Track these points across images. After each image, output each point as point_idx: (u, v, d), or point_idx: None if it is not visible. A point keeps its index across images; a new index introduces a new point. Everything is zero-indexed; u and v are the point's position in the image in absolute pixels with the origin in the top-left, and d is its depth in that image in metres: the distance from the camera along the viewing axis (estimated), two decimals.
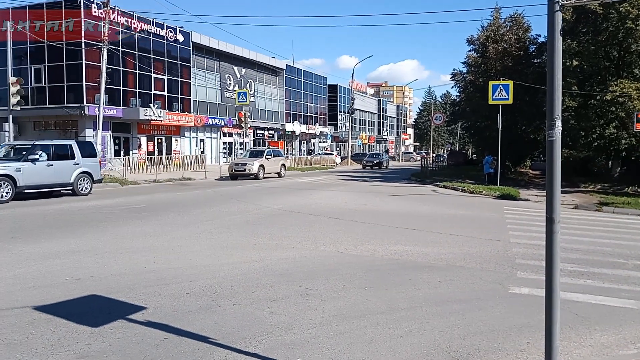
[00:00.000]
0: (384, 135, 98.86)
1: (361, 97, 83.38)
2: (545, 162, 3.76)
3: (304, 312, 5.65)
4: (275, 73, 57.17)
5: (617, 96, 21.69)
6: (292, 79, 61.14)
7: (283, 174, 31.73)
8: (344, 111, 75.05)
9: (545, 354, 3.64)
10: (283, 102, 58.88)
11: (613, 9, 21.93)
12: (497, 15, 32.78)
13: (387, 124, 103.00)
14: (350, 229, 11.58)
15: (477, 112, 31.36)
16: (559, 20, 3.71)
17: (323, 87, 70.77)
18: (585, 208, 17.11)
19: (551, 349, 3.56)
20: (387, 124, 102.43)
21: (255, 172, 28.12)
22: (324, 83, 71.37)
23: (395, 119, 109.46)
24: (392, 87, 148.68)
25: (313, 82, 67.30)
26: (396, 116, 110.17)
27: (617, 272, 7.81)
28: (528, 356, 4.58)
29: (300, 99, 63.37)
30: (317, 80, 68.97)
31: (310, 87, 66.38)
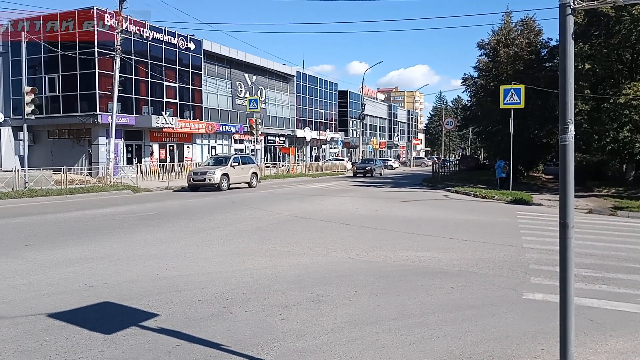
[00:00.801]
0: (395, 140, 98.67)
1: (372, 103, 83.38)
2: (559, 166, 3.73)
3: (315, 318, 5.64)
4: (285, 80, 57.38)
5: (631, 99, 21.47)
6: (302, 85, 61.32)
7: (254, 184, 27.66)
8: (354, 117, 75.06)
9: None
10: (294, 108, 59.04)
11: (625, 11, 21.75)
12: (507, 19, 32.70)
13: (398, 130, 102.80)
14: (361, 235, 11.55)
15: (488, 117, 31.22)
16: (571, 24, 3.69)
17: (333, 93, 70.86)
18: (599, 212, 16.93)
19: (566, 356, 3.52)
20: (398, 129, 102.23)
21: (217, 182, 24.31)
22: (335, 89, 71.46)
23: (406, 124, 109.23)
24: (403, 93, 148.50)
25: (323, 88, 67.43)
26: (407, 121, 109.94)
27: (633, 278, 7.70)
28: None
29: (310, 105, 63.51)
30: (328, 87, 69.09)
31: (321, 94, 66.51)
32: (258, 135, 36.07)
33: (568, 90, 3.64)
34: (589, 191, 24.82)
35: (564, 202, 3.58)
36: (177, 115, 39.46)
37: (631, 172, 28.34)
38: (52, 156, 34.39)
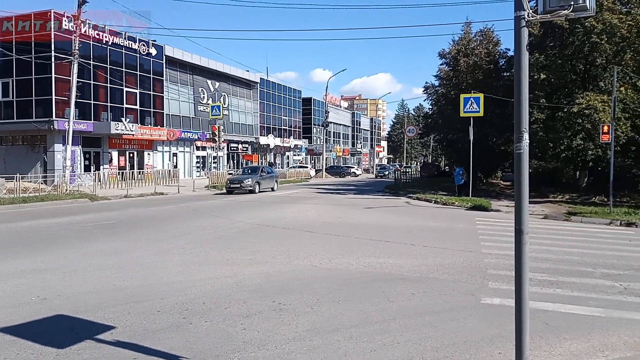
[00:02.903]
0: (358, 147, 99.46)
1: (335, 110, 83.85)
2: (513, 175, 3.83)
3: (277, 327, 5.60)
4: (249, 86, 57.12)
5: (584, 108, 22.28)
6: (266, 92, 61.16)
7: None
8: (318, 124, 75.34)
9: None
10: (257, 115, 58.78)
11: (579, 23, 22.60)
12: (467, 29, 33.51)
13: (361, 137, 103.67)
14: (324, 242, 11.56)
15: (449, 125, 31.84)
16: (525, 35, 3.80)
17: (297, 101, 70.95)
18: (554, 218, 17.46)
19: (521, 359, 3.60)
20: (361, 136, 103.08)
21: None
22: (298, 96, 71.56)
23: (369, 131, 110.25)
24: (366, 100, 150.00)
25: (287, 95, 67.42)
26: (370, 129, 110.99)
27: (586, 281, 7.96)
28: None
29: (274, 112, 63.37)
30: (291, 94, 69.12)
31: (285, 101, 66.47)
32: (220, 142, 35.71)
33: (523, 100, 3.74)
34: (545, 197, 25.58)
35: (519, 209, 3.68)
36: (138, 122, 38.69)
37: (584, 179, 29.35)
38: (5, 163, 33.11)
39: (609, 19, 22.11)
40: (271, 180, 31.31)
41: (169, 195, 26.51)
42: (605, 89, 23.85)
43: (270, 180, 31.10)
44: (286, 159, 67.75)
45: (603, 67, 24.81)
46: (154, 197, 25.42)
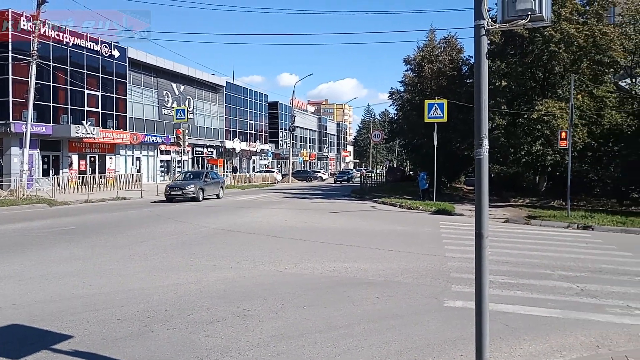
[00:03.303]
0: (325, 152, 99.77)
1: (302, 115, 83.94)
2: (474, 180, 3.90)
3: (241, 333, 5.54)
4: (215, 90, 56.60)
5: (543, 115, 22.92)
6: (232, 96, 60.73)
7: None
8: (284, 128, 75.25)
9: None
10: (223, 119, 58.28)
11: (538, 33, 23.27)
12: (432, 36, 34.13)
13: (328, 142, 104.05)
14: (290, 247, 11.53)
15: (413, 130, 32.29)
16: (485, 44, 3.89)
17: (264, 105, 70.70)
18: (515, 222, 17.88)
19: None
20: (327, 141, 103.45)
21: None
22: (265, 100, 71.34)
23: (335, 136, 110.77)
24: (333, 105, 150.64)
25: (253, 99, 67.12)
26: (336, 134, 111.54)
27: (544, 283, 8.17)
28: None
29: (240, 116, 62.95)
30: (258, 98, 68.84)
31: (251, 105, 66.14)
32: (185, 146, 35.23)
33: (483, 107, 3.82)
34: (506, 201, 26.18)
35: (479, 214, 3.74)
36: (99, 125, 37.82)
37: (543, 183, 30.16)
38: None
39: (566, 29, 22.86)
40: (216, 187, 28.22)
41: (131, 200, 25.97)
42: (563, 96, 24.60)
43: (215, 187, 28.04)
44: (252, 163, 67.36)
45: (561, 75, 25.59)
46: (116, 202, 24.85)
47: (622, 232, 15.51)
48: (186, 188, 24.98)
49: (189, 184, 25.49)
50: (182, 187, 25.27)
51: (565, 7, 23.38)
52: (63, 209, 21.10)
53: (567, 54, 23.83)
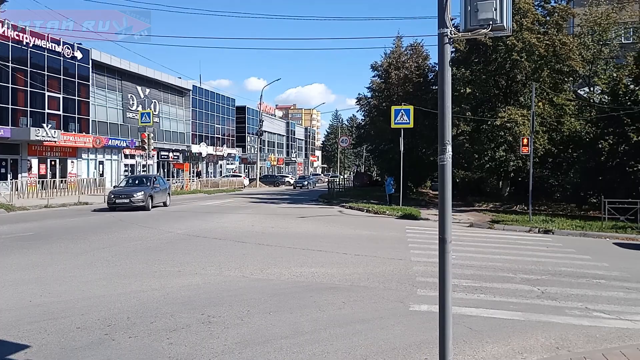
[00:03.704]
0: (293, 157, 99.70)
1: (270, 119, 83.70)
2: (438, 185, 3.95)
3: (205, 340, 5.46)
4: (181, 93, 55.88)
5: (506, 122, 23.49)
6: (199, 99, 60.05)
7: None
8: (252, 133, 74.82)
9: None
10: (189, 123, 57.54)
11: (501, 41, 23.87)
12: (398, 43, 34.58)
13: (296, 146, 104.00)
14: (256, 252, 11.44)
15: (381, 135, 32.60)
16: (448, 52, 3.96)
17: (231, 109, 70.15)
18: (479, 226, 18.22)
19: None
20: (295, 146, 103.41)
21: None
22: (232, 104, 70.79)
23: (303, 141, 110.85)
24: (301, 110, 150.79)
25: (221, 103, 66.52)
26: (304, 138, 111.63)
27: (507, 286, 8.34)
28: None
29: (207, 120, 62.29)
30: (225, 102, 68.27)
31: (218, 109, 65.53)
32: (150, 150, 34.65)
33: (446, 114, 3.89)
34: (471, 206, 26.67)
35: (442, 219, 3.79)
36: (61, 128, 36.78)
37: (506, 188, 30.86)
38: None
39: (528, 39, 23.54)
40: (163, 194, 25.07)
41: (94, 205, 25.32)
42: (525, 103, 25.27)
43: (162, 194, 24.86)
44: (219, 167, 66.70)
45: (523, 83, 26.28)
46: (77, 207, 24.20)
47: (580, 235, 15.99)
48: (134, 195, 21.57)
49: (137, 191, 21.97)
50: (129, 194, 21.79)
51: (527, 17, 24.07)
52: (21, 215, 20.43)
53: (529, 63, 24.52)
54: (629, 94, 20.88)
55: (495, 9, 3.79)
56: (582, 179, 23.19)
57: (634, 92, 20.62)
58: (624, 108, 20.45)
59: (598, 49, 27.79)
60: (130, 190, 22.50)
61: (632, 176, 19.30)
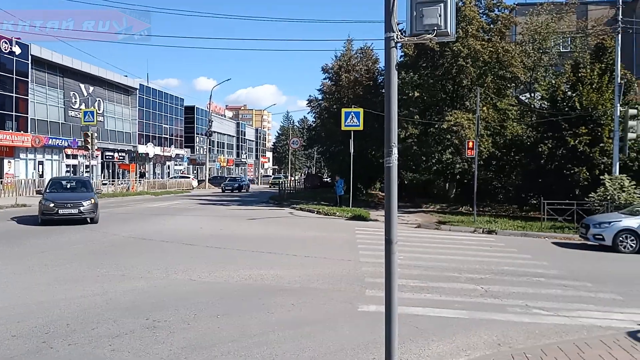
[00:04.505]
0: (243, 158, 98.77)
1: (219, 120, 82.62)
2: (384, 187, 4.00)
3: (150, 346, 5.31)
4: (127, 92, 54.30)
5: (452, 125, 24.12)
6: (146, 99, 58.52)
7: None
8: (201, 133, 73.60)
9: None
10: (136, 122, 55.98)
11: (448, 47, 24.50)
12: (349, 46, 34.88)
13: (246, 147, 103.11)
14: (204, 255, 11.25)
15: (331, 137, 32.77)
16: (394, 55, 4.02)
17: (179, 109, 68.75)
18: (426, 227, 18.62)
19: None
20: (246, 147, 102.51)
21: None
22: (181, 104, 69.41)
23: (254, 142, 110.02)
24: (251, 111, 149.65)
25: (169, 102, 65.09)
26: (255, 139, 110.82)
27: (452, 285, 8.56)
28: None
29: (154, 120, 60.78)
30: (173, 101, 66.85)
31: (166, 108, 64.09)
32: (94, 150, 33.47)
33: (392, 117, 3.94)
34: (419, 207, 27.22)
35: (388, 220, 3.85)
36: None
37: (453, 190, 31.68)
38: None
39: (473, 45, 24.28)
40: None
41: (32, 207, 24.16)
42: (471, 108, 26.03)
43: None
44: (167, 168, 65.24)
45: (469, 88, 27.06)
46: (14, 210, 23.05)
47: (522, 235, 16.63)
48: (84, 204, 16.60)
49: (85, 198, 16.96)
50: (77, 202, 16.60)
51: (472, 25, 24.82)
52: None
53: (474, 69, 25.28)
54: (567, 100, 21.87)
55: (439, 15, 3.87)
56: (523, 181, 24.09)
57: (571, 98, 21.61)
58: (561, 114, 21.41)
59: (538, 56, 29.00)
60: (74, 197, 17.18)
61: (569, 179, 20.21)
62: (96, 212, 17.01)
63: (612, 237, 13.48)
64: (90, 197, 17.29)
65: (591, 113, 20.66)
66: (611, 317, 6.99)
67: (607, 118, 20.38)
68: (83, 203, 16.60)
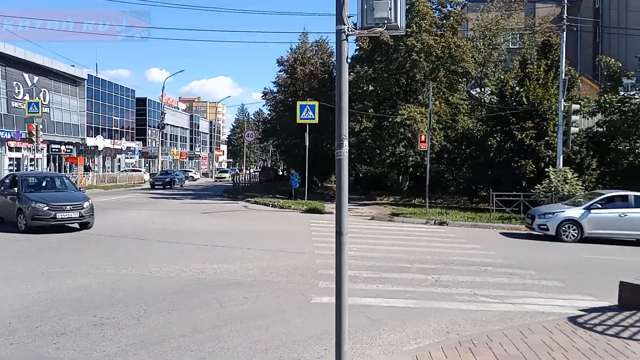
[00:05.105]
0: (197, 151, 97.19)
1: (172, 112, 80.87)
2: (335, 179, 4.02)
3: (97, 344, 5.17)
4: (74, 83, 52.31)
5: (405, 119, 24.48)
6: (95, 90, 56.59)
7: None
8: (153, 126, 71.89)
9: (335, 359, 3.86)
10: (84, 114, 54.05)
11: (402, 42, 24.82)
12: (304, 39, 34.76)
13: (200, 140, 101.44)
14: (156, 249, 11.03)
15: (286, 130, 32.67)
16: (345, 48, 4.03)
17: (130, 100, 66.86)
18: (380, 219, 18.89)
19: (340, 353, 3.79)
20: (200, 140, 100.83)
21: None
22: (132, 96, 67.50)
23: (208, 135, 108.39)
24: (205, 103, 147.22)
25: (119, 94, 63.17)
26: (209, 132, 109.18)
27: (404, 276, 8.73)
28: None
29: (104, 112, 58.87)
30: (124, 93, 64.93)
31: (116, 100, 62.19)
32: (39, 142, 32.14)
33: (343, 110, 3.96)
34: (373, 200, 27.57)
35: (339, 212, 3.88)
36: None
37: (406, 183, 32.22)
38: None
39: (426, 40, 24.68)
40: None
41: None
42: (424, 102, 26.48)
43: None
44: (117, 162, 63.44)
45: (422, 83, 27.51)
46: None
47: (471, 226, 17.12)
48: (84, 206, 13.84)
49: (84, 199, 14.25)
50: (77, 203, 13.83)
51: (425, 20, 25.21)
52: None
53: (427, 63, 25.71)
54: (515, 95, 22.60)
55: (390, 8, 3.91)
56: (473, 174, 24.76)
57: (518, 93, 22.34)
58: (510, 108, 22.11)
59: (488, 52, 29.82)
60: (69, 197, 14.28)
61: (516, 171, 20.91)
62: (93, 215, 14.26)
63: (556, 227, 14.08)
64: (86, 197, 14.64)
65: (537, 108, 21.44)
66: (553, 304, 7.30)
67: (552, 113, 21.19)
68: (84, 205, 13.82)
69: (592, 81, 29.82)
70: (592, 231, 13.95)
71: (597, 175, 20.76)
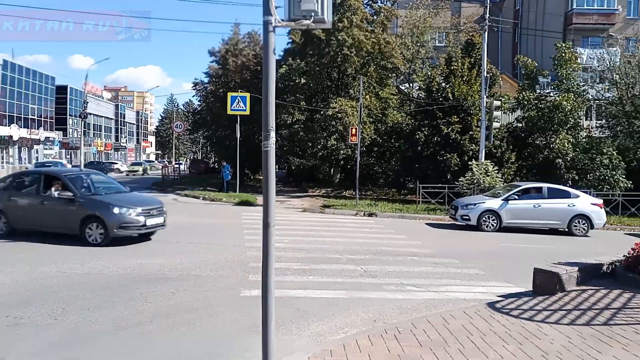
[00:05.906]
0: (123, 142, 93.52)
1: (96, 101, 77.21)
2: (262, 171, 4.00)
3: (11, 344, 4.90)
4: None
5: (337, 112, 24.78)
6: (10, 76, 52.98)
7: None
8: (75, 115, 68.36)
9: (262, 350, 3.86)
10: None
11: (333, 36, 25.01)
12: (236, 30, 34.26)
13: (127, 131, 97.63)
14: (77, 245, 10.50)
15: (217, 122, 32.13)
16: (272, 39, 4.00)
17: (50, 88, 63.17)
18: (311, 211, 19.03)
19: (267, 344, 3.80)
20: (126, 130, 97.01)
21: None
22: (52, 83, 63.80)
23: (135, 125, 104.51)
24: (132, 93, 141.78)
25: (37, 81, 59.51)
26: (136, 123, 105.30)
27: (334, 267, 8.86)
28: (252, 355, 4.77)
29: (20, 99, 55.22)
30: (43, 80, 61.23)
31: (34, 87, 58.54)
32: None
33: (270, 101, 3.94)
34: (305, 192, 27.70)
35: (266, 204, 3.87)
36: None
37: (337, 175, 32.63)
38: None
39: (357, 35, 25.02)
40: None
41: None
42: (355, 96, 26.86)
43: None
44: (35, 153, 59.82)
45: (353, 77, 27.90)
46: None
47: (399, 218, 17.62)
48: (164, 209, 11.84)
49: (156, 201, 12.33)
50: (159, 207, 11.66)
51: (356, 15, 25.53)
52: None
53: (358, 58, 26.09)
54: (441, 91, 23.41)
55: (316, 1, 3.92)
56: (402, 167, 25.44)
57: (444, 89, 23.16)
58: (436, 103, 22.90)
59: (416, 49, 30.73)
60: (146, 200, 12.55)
61: (442, 164, 21.72)
62: None
63: (477, 217, 14.79)
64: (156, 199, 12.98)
65: (462, 103, 22.34)
66: (474, 291, 7.67)
67: (476, 108, 22.15)
68: (164, 208, 11.80)
69: (512, 79, 31.45)
70: (510, 221, 14.77)
71: (515, 168, 21.94)
